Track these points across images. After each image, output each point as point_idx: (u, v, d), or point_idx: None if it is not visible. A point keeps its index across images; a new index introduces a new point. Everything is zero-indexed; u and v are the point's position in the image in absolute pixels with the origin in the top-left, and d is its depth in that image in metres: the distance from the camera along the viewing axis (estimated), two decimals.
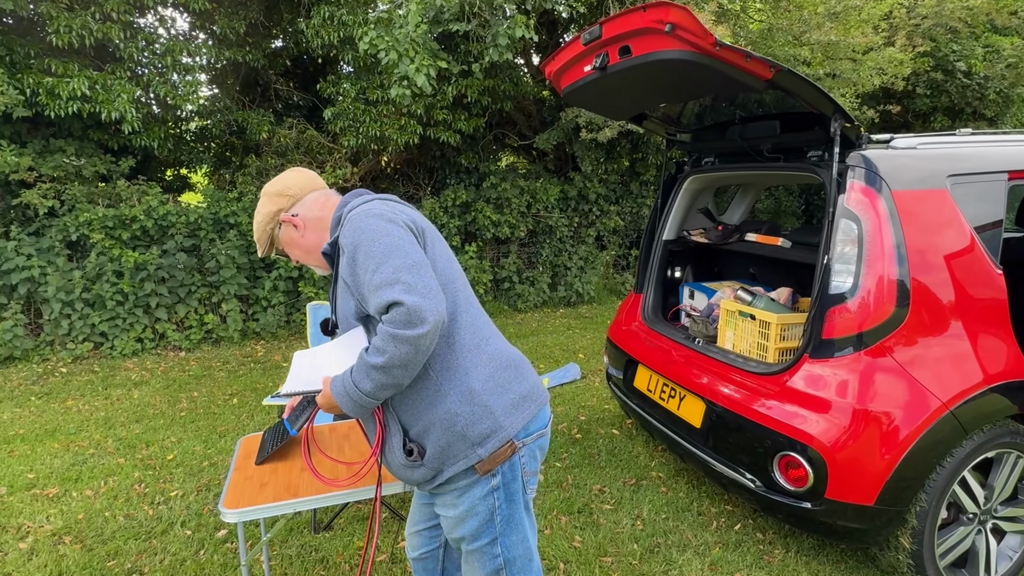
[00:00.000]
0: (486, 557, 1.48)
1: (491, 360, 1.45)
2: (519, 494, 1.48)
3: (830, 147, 2.37)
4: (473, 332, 1.46)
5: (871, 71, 7.00)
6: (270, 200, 1.57)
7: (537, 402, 1.51)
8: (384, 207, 1.43)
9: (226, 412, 4.14)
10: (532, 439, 1.49)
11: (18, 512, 2.87)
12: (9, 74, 4.90)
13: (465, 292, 1.51)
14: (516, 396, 1.46)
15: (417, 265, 1.30)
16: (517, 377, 1.48)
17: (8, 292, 5.19)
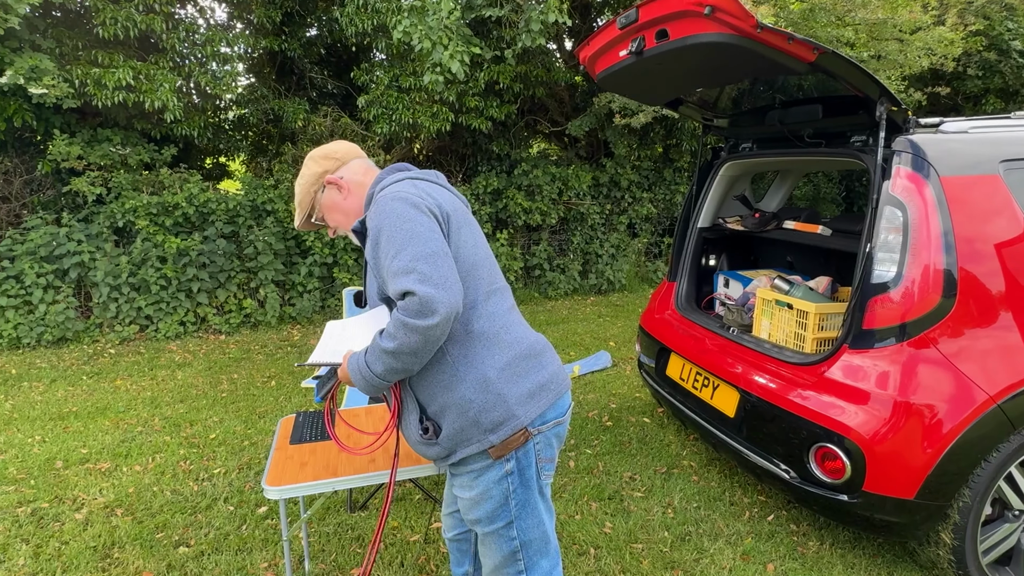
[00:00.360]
0: (502, 539, 1.50)
1: (509, 348, 1.45)
2: (534, 480, 1.48)
3: (875, 132, 2.29)
4: (493, 320, 1.45)
5: (919, 52, 6.71)
6: (316, 163, 1.59)
7: (555, 392, 1.50)
8: (411, 189, 1.41)
9: (264, 394, 4.27)
10: (548, 427, 1.48)
11: (73, 485, 3.03)
12: (59, 66, 5.07)
13: (490, 278, 1.49)
14: (533, 386, 1.46)
15: (435, 254, 1.30)
16: (536, 367, 1.48)
17: (61, 276, 5.42)
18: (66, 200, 5.83)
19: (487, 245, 1.56)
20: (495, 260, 1.57)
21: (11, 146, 5.74)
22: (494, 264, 1.55)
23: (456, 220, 1.45)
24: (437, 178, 1.58)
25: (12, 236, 5.27)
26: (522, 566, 1.51)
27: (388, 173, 1.53)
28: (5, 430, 3.66)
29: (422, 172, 1.56)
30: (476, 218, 6.72)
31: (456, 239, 1.44)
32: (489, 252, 1.55)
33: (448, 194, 1.53)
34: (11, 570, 2.38)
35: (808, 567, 2.42)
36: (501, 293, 1.52)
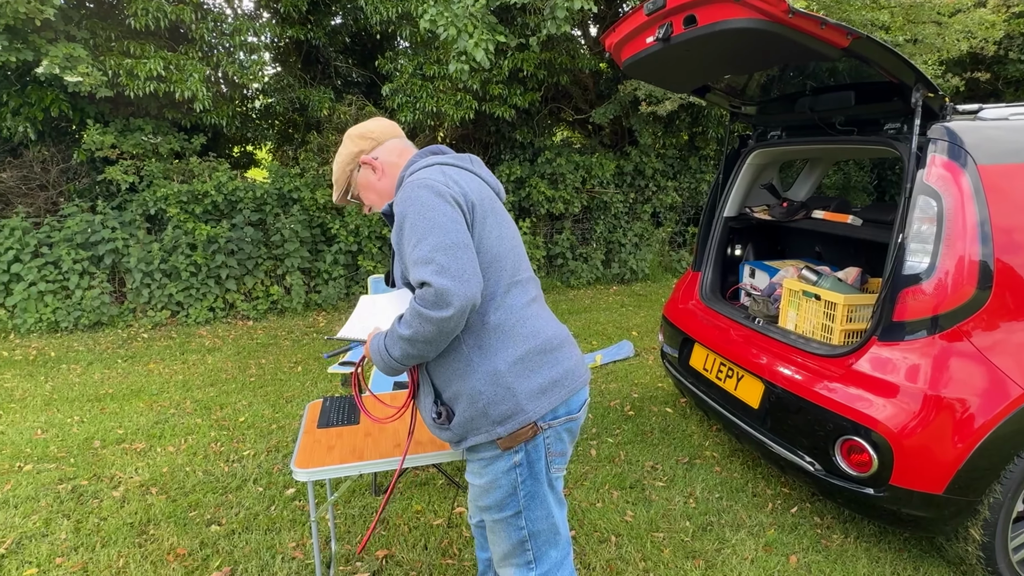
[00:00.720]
0: (511, 528, 1.51)
1: (524, 342, 1.44)
2: (543, 472, 1.48)
3: (910, 119, 2.24)
4: (511, 313, 1.44)
5: (958, 35, 6.48)
6: (353, 142, 1.61)
7: (568, 388, 1.48)
8: (439, 177, 1.40)
9: (292, 379, 4.36)
10: (559, 422, 1.47)
11: (111, 464, 3.14)
12: (93, 56, 5.19)
13: (514, 269, 1.48)
14: (545, 381, 1.45)
15: (455, 246, 1.30)
16: (550, 361, 1.46)
17: (96, 262, 5.59)
18: (100, 188, 5.99)
19: (516, 235, 1.53)
20: (523, 250, 1.54)
21: (48, 136, 5.90)
22: (520, 255, 1.52)
23: (482, 210, 1.43)
24: (471, 164, 1.55)
25: (50, 223, 5.44)
26: (531, 556, 1.52)
27: (421, 156, 1.53)
28: (46, 410, 3.81)
29: (455, 157, 1.53)
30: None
31: (480, 229, 1.42)
32: (516, 242, 1.52)
33: (477, 182, 1.50)
34: (54, 543, 2.48)
35: (832, 560, 2.40)
36: (523, 285, 1.50)
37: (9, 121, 5.27)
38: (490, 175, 1.59)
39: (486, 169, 1.60)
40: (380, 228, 6.32)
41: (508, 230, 1.50)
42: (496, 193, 1.57)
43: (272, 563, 2.36)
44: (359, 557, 2.40)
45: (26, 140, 5.71)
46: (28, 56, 4.78)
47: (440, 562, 2.37)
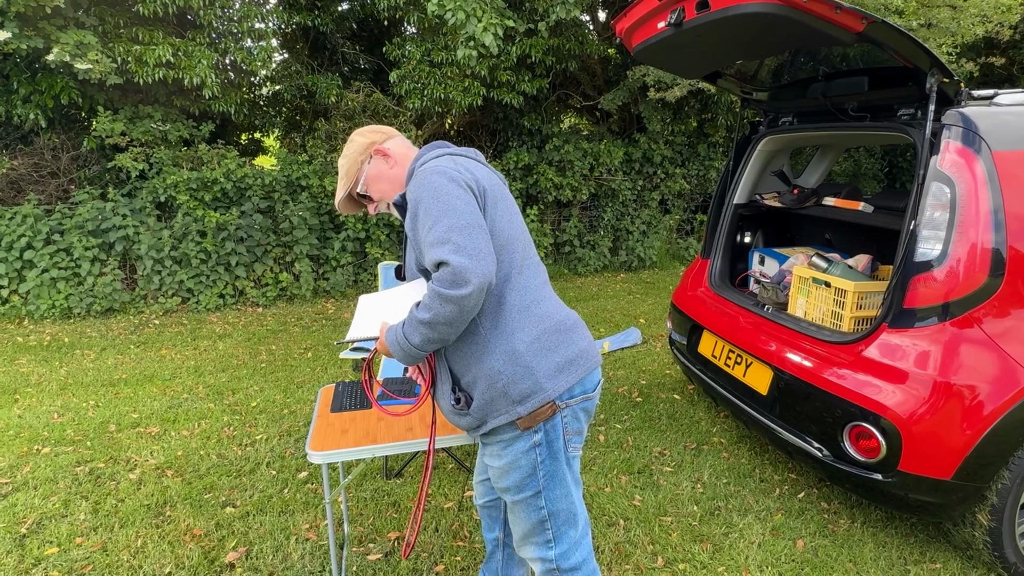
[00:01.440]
0: (531, 508, 1.53)
1: (540, 322, 1.48)
2: (561, 451, 1.51)
3: (924, 105, 2.22)
4: (525, 294, 1.49)
5: (973, 19, 6.38)
6: (363, 136, 1.67)
7: (584, 367, 1.52)
8: (451, 164, 1.45)
9: (302, 365, 4.40)
10: (576, 401, 1.51)
11: (126, 447, 3.20)
12: (102, 43, 5.20)
13: (524, 253, 1.53)
14: (562, 360, 1.48)
15: (470, 226, 1.34)
16: (566, 341, 1.50)
17: (107, 249, 5.63)
18: (110, 175, 6.02)
19: (522, 222, 1.59)
20: (529, 237, 1.60)
21: (58, 123, 5.93)
22: (528, 240, 1.58)
23: (493, 195, 1.48)
24: (476, 155, 1.61)
25: (61, 211, 5.49)
26: (550, 535, 1.55)
27: (428, 150, 1.58)
28: (61, 395, 3.87)
29: (460, 149, 1.59)
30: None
31: (492, 213, 1.47)
32: (524, 228, 1.58)
33: (486, 170, 1.57)
34: (73, 524, 2.54)
35: (839, 545, 2.42)
36: (534, 268, 1.55)
37: (20, 108, 5.30)
38: (492, 168, 1.66)
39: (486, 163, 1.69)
40: (388, 216, 6.33)
41: (516, 216, 1.56)
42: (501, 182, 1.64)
43: (286, 544, 2.41)
44: (372, 539, 2.45)
45: (37, 127, 5.74)
46: (38, 43, 4.80)
47: (451, 544, 2.41)
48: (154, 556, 2.34)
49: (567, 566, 1.55)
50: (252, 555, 2.35)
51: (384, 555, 2.35)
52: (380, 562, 2.31)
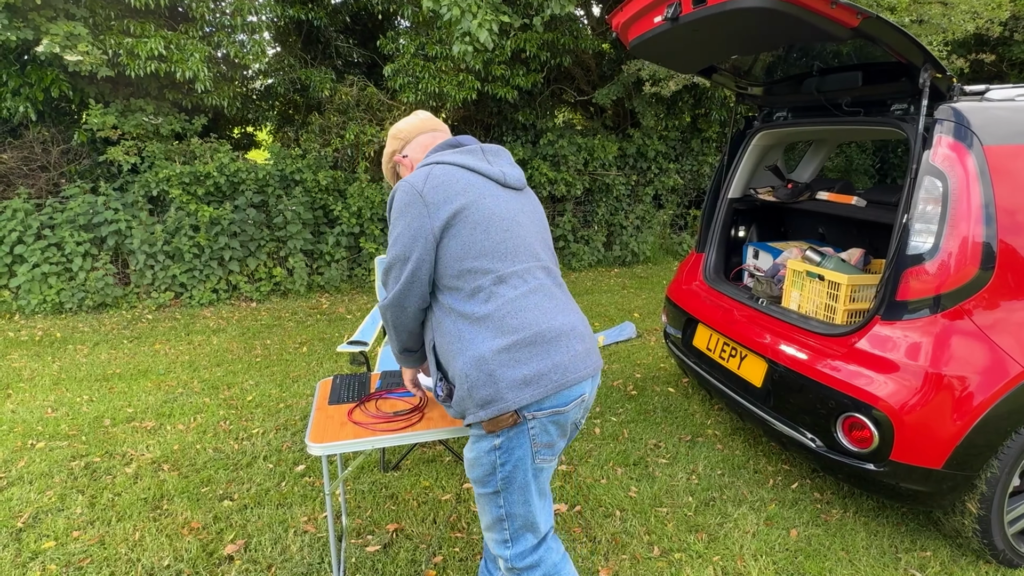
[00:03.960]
0: (491, 504, 1.56)
1: (512, 333, 1.47)
2: (526, 460, 1.51)
3: (917, 100, 2.25)
4: (501, 304, 1.49)
5: (964, 16, 6.44)
6: (389, 143, 1.81)
7: (556, 382, 1.47)
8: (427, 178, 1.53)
9: (297, 359, 4.40)
10: (545, 415, 1.49)
11: (121, 441, 3.19)
12: (93, 35, 5.15)
13: (507, 262, 1.52)
14: (531, 373, 1.46)
15: (397, 260, 1.53)
16: (539, 354, 1.47)
17: (98, 244, 5.59)
18: (102, 169, 5.97)
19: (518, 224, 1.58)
20: (528, 238, 1.59)
21: (48, 116, 5.87)
22: (519, 246, 1.55)
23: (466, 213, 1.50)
24: (481, 158, 1.62)
25: (52, 205, 5.44)
26: (507, 535, 1.57)
27: (435, 151, 1.65)
28: (55, 390, 3.85)
29: (464, 153, 1.61)
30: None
31: (460, 230, 1.50)
32: (518, 232, 1.56)
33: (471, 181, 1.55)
34: (70, 518, 2.53)
35: (831, 534, 2.46)
36: (521, 276, 1.53)
37: (9, 101, 5.24)
38: (505, 166, 1.65)
39: (503, 159, 1.67)
40: (381, 210, 6.31)
41: (503, 222, 1.54)
42: (503, 183, 1.62)
43: (284, 536, 2.42)
44: (370, 530, 2.46)
45: (26, 121, 5.68)
46: (28, 35, 4.75)
47: (449, 535, 2.43)
48: (152, 549, 2.35)
49: (521, 566, 1.57)
50: (251, 547, 2.36)
51: (383, 547, 2.36)
52: (379, 553, 2.32)
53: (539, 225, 1.67)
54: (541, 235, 1.66)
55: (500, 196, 1.57)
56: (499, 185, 1.60)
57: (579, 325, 1.57)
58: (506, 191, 1.61)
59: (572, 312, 1.58)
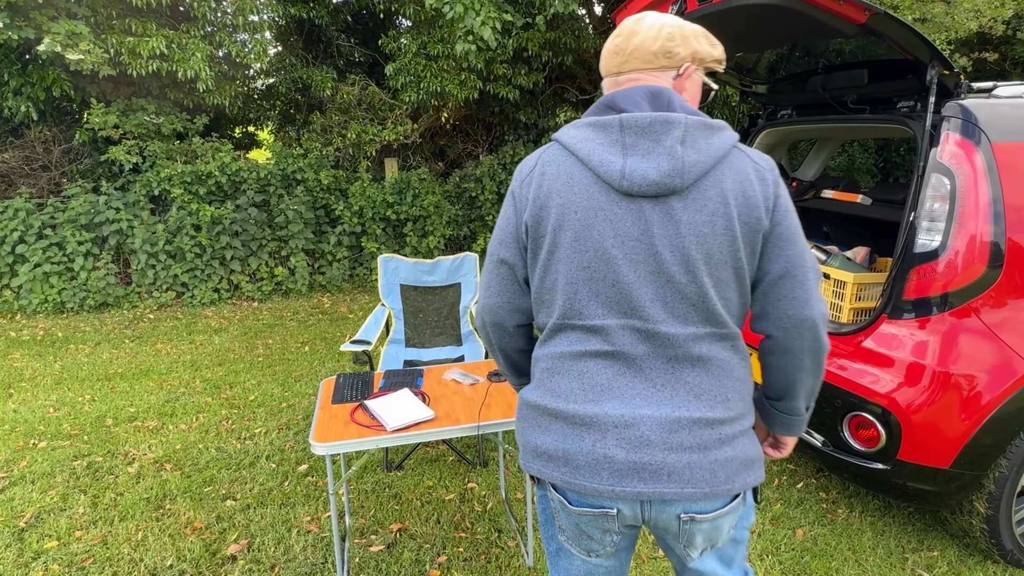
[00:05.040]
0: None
1: (545, 393, 1.15)
2: (549, 525, 1.26)
3: (924, 97, 2.23)
4: (549, 358, 1.16)
5: (967, 14, 6.42)
6: None
7: (562, 478, 1.10)
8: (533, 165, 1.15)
9: (299, 359, 4.39)
10: (559, 500, 1.16)
11: (124, 441, 3.18)
12: (94, 34, 5.14)
13: (568, 311, 1.11)
14: (542, 446, 1.13)
15: (490, 255, 1.23)
16: (557, 433, 1.12)
17: (100, 244, 5.58)
18: (103, 169, 5.97)
19: (624, 260, 1.05)
20: (629, 285, 1.06)
21: (49, 116, 5.87)
22: (603, 292, 1.07)
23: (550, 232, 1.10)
24: (597, 147, 1.06)
25: (54, 204, 5.43)
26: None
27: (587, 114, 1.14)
28: (57, 389, 3.84)
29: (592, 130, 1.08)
30: (502, 189, 6.70)
31: (535, 250, 1.14)
32: (607, 273, 1.06)
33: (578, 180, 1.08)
34: (72, 517, 2.52)
35: (838, 533, 2.45)
36: (588, 332, 1.10)
37: (11, 101, 5.24)
38: (639, 160, 1.03)
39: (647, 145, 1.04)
40: (383, 210, 6.30)
41: (585, 254, 1.07)
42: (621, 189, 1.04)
43: (288, 536, 2.41)
44: (374, 530, 2.45)
45: (28, 120, 5.68)
46: (29, 34, 4.74)
47: (453, 535, 2.42)
48: (155, 549, 2.33)
49: None
50: (254, 547, 2.35)
51: (386, 546, 2.35)
52: (382, 553, 2.31)
53: (664, 260, 1.04)
54: (661, 277, 1.05)
55: (603, 210, 1.05)
56: (614, 191, 1.05)
57: (644, 427, 1.05)
58: (623, 201, 1.05)
59: (641, 405, 1.06)
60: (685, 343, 1.06)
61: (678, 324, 1.06)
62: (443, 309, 3.34)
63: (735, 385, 1.09)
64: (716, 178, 1.04)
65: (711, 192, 1.03)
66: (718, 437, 1.06)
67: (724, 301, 1.07)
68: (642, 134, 1.04)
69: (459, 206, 6.76)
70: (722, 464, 1.06)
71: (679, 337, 1.06)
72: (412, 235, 6.39)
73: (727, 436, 1.07)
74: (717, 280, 1.06)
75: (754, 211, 1.05)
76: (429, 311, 3.33)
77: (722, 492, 1.06)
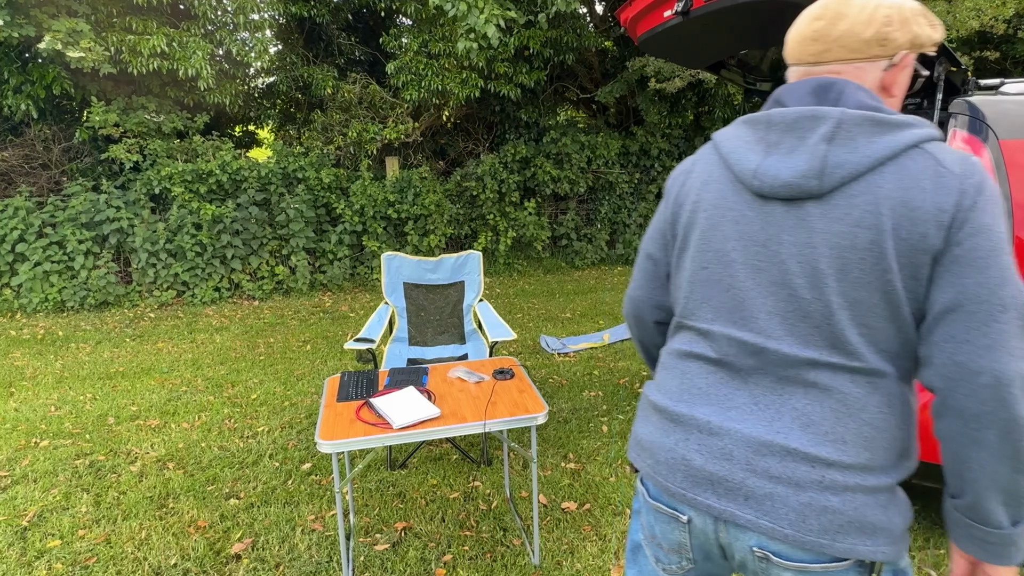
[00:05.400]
0: None
1: (656, 384, 1.12)
2: (635, 517, 1.17)
3: (931, 93, 2.22)
4: (668, 350, 1.11)
5: (968, 13, 6.42)
6: None
7: (647, 471, 1.06)
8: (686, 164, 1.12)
9: (301, 357, 4.38)
10: (644, 494, 1.10)
11: (126, 440, 3.17)
12: (95, 32, 5.12)
13: (688, 311, 1.06)
14: (641, 436, 1.10)
15: (641, 247, 1.21)
16: (653, 425, 1.08)
17: (100, 242, 5.57)
18: (103, 167, 5.95)
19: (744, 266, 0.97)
20: (746, 293, 0.97)
21: (49, 114, 5.85)
22: (716, 297, 1.01)
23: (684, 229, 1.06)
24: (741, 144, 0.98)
25: (54, 203, 5.42)
26: None
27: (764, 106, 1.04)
28: (58, 388, 3.82)
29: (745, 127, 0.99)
30: (504, 187, 6.70)
31: (675, 244, 1.10)
32: (725, 278, 0.99)
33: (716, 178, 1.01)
34: (75, 516, 2.51)
35: None
36: (698, 335, 1.04)
37: (11, 99, 5.22)
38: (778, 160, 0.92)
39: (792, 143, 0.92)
40: (384, 209, 6.29)
41: (707, 255, 1.01)
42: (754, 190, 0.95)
43: (292, 535, 2.40)
44: (378, 529, 2.44)
45: (28, 118, 5.66)
46: (30, 32, 4.72)
47: (459, 534, 2.41)
48: (159, 548, 2.32)
49: None
50: (258, 546, 2.33)
51: (392, 545, 2.34)
52: (388, 552, 2.30)
53: (789, 271, 0.92)
54: (783, 289, 0.93)
55: (731, 210, 0.98)
56: (747, 191, 0.97)
57: (729, 439, 0.96)
58: (755, 203, 0.96)
59: (735, 418, 0.97)
60: (799, 366, 0.92)
61: (795, 344, 0.92)
62: (446, 307, 3.33)
63: (863, 429, 0.89)
64: (871, 183, 0.87)
65: (860, 199, 0.87)
66: (818, 479, 0.89)
67: (863, 328, 0.89)
68: (787, 131, 0.93)
69: (460, 205, 6.75)
70: (817, 512, 0.88)
71: (793, 358, 0.92)
72: (413, 234, 6.38)
73: (835, 483, 0.88)
74: (853, 302, 0.88)
75: (918, 225, 0.85)
76: (432, 309, 3.32)
77: (812, 545, 0.88)
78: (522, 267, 7.05)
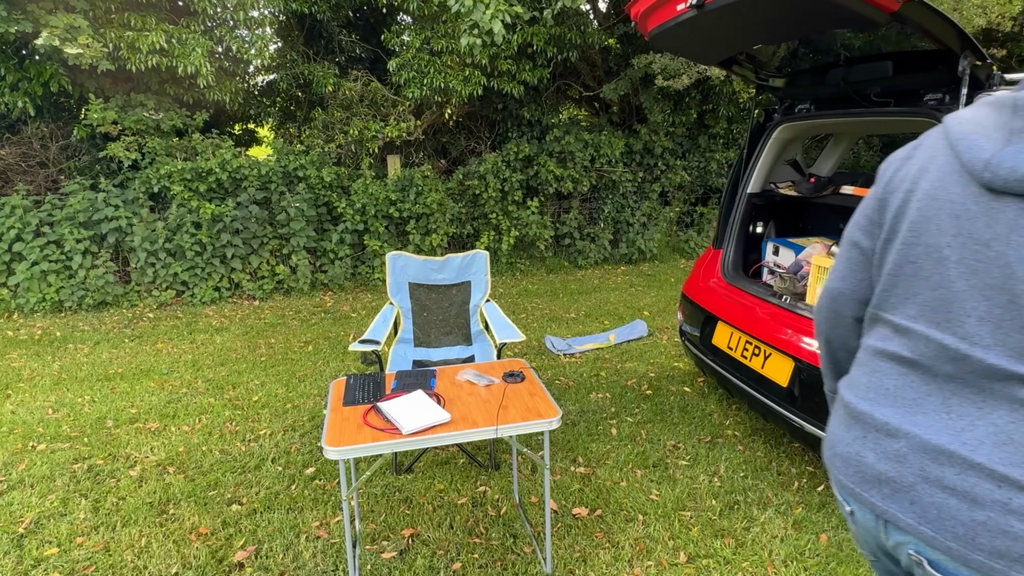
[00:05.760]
0: None
1: (848, 380, 1.09)
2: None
3: (953, 89, 2.16)
4: (863, 349, 1.07)
5: (975, 10, 6.36)
6: None
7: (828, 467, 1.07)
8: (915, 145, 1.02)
9: (302, 358, 4.31)
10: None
11: (125, 443, 3.10)
12: (93, 28, 5.05)
13: (888, 303, 1.00)
14: (830, 431, 1.10)
15: (844, 235, 1.14)
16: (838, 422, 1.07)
17: (99, 241, 5.49)
18: (102, 166, 5.87)
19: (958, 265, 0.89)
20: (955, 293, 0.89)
21: (47, 112, 5.77)
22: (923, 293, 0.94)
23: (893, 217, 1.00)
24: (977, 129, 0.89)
25: (51, 202, 5.34)
26: None
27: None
28: (55, 390, 3.76)
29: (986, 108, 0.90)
30: (506, 186, 6.62)
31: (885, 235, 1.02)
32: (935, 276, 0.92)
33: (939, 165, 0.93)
34: (73, 523, 2.45)
35: None
36: (896, 332, 0.99)
37: (8, 96, 5.14)
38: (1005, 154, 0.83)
39: None
40: (386, 207, 6.22)
41: (917, 248, 0.95)
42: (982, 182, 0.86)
43: (296, 542, 2.33)
44: (385, 536, 2.37)
45: (25, 116, 5.58)
46: (27, 27, 4.65)
47: (467, 541, 2.35)
48: (159, 556, 2.26)
49: None
50: (262, 554, 2.27)
51: (399, 553, 2.28)
52: (395, 560, 2.24)
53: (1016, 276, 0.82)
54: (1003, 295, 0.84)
55: (951, 203, 0.90)
56: (974, 183, 0.88)
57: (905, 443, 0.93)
58: (982, 197, 0.87)
59: (919, 423, 0.92)
60: (1008, 380, 0.83)
61: (1004, 355, 0.83)
62: (451, 308, 3.27)
63: None
64: None
65: None
66: (1004, 501, 0.81)
67: None
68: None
69: (462, 204, 6.68)
70: (993, 533, 0.81)
71: (1000, 371, 0.84)
72: (415, 233, 6.32)
73: (1022, 509, 0.80)
74: None
75: None
76: (436, 310, 3.25)
77: (979, 565, 0.83)
78: (525, 267, 6.99)
